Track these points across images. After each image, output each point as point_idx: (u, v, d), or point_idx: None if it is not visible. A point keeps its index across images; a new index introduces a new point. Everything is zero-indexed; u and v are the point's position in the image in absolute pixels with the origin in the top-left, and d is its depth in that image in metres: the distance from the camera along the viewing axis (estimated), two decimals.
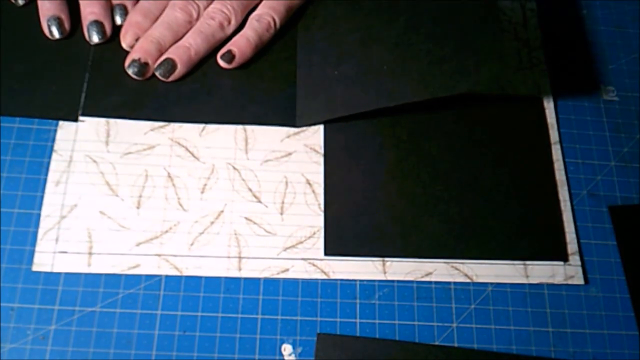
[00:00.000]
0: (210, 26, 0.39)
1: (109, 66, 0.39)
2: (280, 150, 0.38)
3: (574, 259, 0.37)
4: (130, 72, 0.38)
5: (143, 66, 0.38)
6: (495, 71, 0.36)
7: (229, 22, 0.40)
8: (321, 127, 0.39)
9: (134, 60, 0.38)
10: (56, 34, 0.39)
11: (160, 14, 0.40)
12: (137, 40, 0.39)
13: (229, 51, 0.39)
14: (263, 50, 0.41)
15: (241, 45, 0.39)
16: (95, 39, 0.39)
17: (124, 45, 0.39)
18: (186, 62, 0.39)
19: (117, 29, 0.40)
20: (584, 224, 0.38)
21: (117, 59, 0.39)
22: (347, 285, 0.35)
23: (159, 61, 0.39)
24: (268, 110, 0.39)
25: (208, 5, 0.40)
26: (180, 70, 0.39)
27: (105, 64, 0.39)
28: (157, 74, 0.39)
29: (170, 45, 0.39)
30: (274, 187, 0.37)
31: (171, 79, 0.39)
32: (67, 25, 0.39)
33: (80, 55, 0.39)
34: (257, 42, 0.40)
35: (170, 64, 0.38)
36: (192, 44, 0.39)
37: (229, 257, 0.35)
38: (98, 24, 0.39)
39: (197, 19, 0.40)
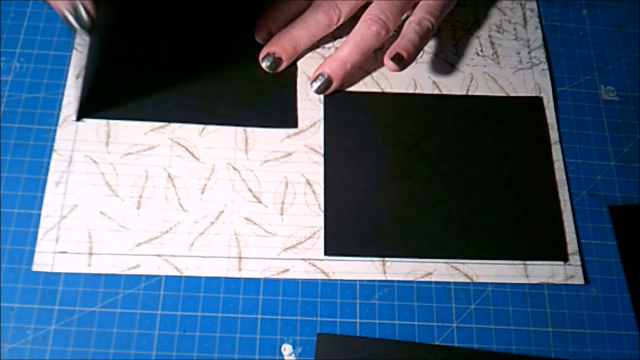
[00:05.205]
0: (367, 37, 0.38)
1: (109, 66, 0.39)
2: (280, 150, 0.38)
3: (574, 259, 0.37)
4: (264, 64, 0.39)
5: (277, 61, 0.39)
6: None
7: (387, 31, 0.38)
8: (321, 127, 0.39)
9: (268, 54, 0.39)
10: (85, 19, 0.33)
11: (294, 12, 0.40)
12: (269, 34, 0.40)
13: (398, 54, 0.37)
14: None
15: (409, 48, 0.37)
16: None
17: (258, 39, 0.40)
18: (341, 77, 0.39)
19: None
20: (584, 224, 0.38)
21: (117, 59, 0.39)
22: (347, 285, 0.35)
23: (313, 76, 0.39)
24: (268, 111, 0.39)
25: (350, 12, 0.39)
26: (335, 86, 0.39)
27: (106, 64, 0.39)
28: (313, 88, 0.39)
29: (306, 46, 0.39)
30: (274, 187, 0.37)
31: (323, 93, 0.39)
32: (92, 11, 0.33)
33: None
34: (420, 47, 0.38)
35: (326, 81, 0.39)
36: (348, 59, 0.38)
37: (229, 257, 0.35)
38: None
39: (337, 23, 0.39)
